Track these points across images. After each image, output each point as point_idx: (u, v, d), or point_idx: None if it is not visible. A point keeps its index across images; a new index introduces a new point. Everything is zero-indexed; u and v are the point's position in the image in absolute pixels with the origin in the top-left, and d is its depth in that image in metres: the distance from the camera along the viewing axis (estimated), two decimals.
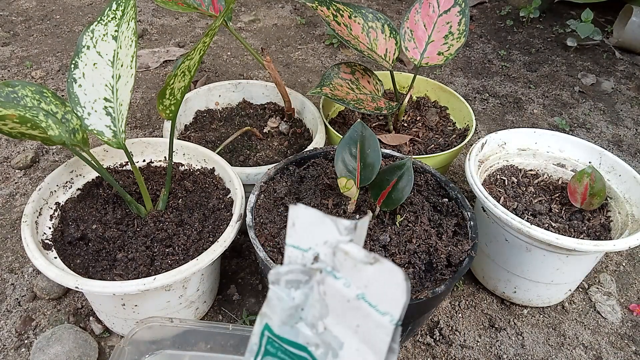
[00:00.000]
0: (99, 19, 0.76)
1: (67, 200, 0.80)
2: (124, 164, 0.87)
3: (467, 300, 0.89)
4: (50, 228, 0.76)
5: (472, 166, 0.84)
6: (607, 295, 0.92)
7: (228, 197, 0.82)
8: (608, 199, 0.87)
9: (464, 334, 0.83)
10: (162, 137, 0.93)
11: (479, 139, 0.92)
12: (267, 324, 0.31)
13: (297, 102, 1.06)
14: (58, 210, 0.79)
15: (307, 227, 0.29)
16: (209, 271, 0.76)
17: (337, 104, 0.97)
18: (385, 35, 0.97)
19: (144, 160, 0.88)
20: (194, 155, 0.88)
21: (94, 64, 0.74)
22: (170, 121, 0.73)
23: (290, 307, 0.30)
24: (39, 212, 0.75)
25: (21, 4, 1.79)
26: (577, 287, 0.93)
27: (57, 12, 1.77)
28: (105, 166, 0.86)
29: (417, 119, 1.08)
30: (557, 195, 0.89)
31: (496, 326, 0.85)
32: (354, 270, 0.27)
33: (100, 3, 1.86)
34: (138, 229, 0.76)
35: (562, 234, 0.80)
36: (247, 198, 0.77)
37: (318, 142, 0.93)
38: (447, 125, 1.07)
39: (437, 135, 1.04)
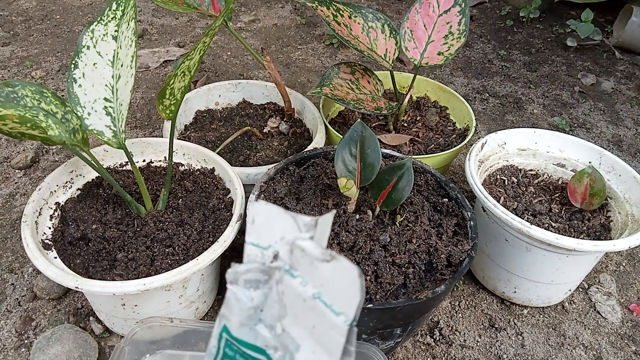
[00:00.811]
0: (99, 19, 0.75)
1: (67, 200, 0.80)
2: (124, 164, 0.87)
3: (467, 300, 0.89)
4: (50, 228, 0.76)
5: (472, 166, 0.84)
6: (607, 295, 0.92)
7: (228, 197, 0.82)
8: (608, 199, 0.87)
9: (464, 334, 0.83)
10: (162, 137, 0.93)
11: (479, 139, 0.92)
12: (226, 326, 0.30)
13: (297, 102, 1.06)
14: (58, 210, 0.79)
15: (266, 223, 0.27)
16: (209, 271, 0.76)
17: (337, 104, 0.97)
18: (385, 35, 0.97)
19: (144, 160, 0.88)
20: (194, 155, 0.88)
21: (94, 64, 0.74)
22: (170, 121, 0.73)
23: (249, 308, 0.28)
24: (39, 212, 0.75)
25: (21, 4, 1.79)
26: (577, 287, 0.93)
27: (57, 12, 1.77)
28: (105, 166, 0.86)
29: (417, 119, 1.08)
30: (557, 195, 0.89)
31: (496, 326, 0.85)
32: (310, 268, 0.26)
33: (100, 3, 1.86)
34: (138, 229, 0.76)
35: (562, 234, 0.80)
36: (247, 198, 0.77)
37: (318, 142, 0.93)
38: (447, 125, 1.07)
39: (437, 135, 1.04)
